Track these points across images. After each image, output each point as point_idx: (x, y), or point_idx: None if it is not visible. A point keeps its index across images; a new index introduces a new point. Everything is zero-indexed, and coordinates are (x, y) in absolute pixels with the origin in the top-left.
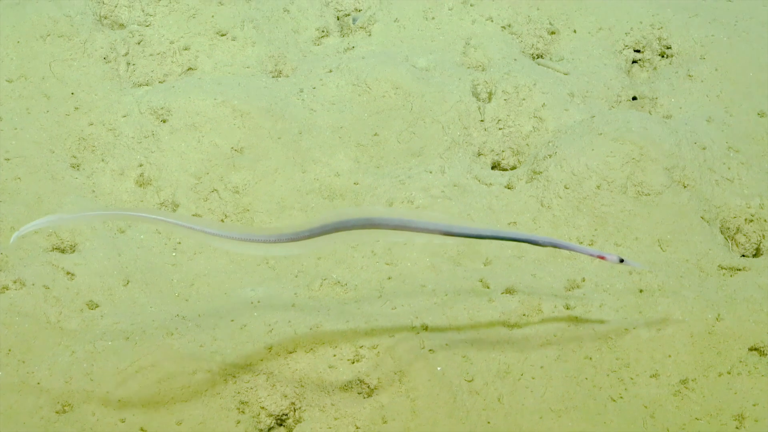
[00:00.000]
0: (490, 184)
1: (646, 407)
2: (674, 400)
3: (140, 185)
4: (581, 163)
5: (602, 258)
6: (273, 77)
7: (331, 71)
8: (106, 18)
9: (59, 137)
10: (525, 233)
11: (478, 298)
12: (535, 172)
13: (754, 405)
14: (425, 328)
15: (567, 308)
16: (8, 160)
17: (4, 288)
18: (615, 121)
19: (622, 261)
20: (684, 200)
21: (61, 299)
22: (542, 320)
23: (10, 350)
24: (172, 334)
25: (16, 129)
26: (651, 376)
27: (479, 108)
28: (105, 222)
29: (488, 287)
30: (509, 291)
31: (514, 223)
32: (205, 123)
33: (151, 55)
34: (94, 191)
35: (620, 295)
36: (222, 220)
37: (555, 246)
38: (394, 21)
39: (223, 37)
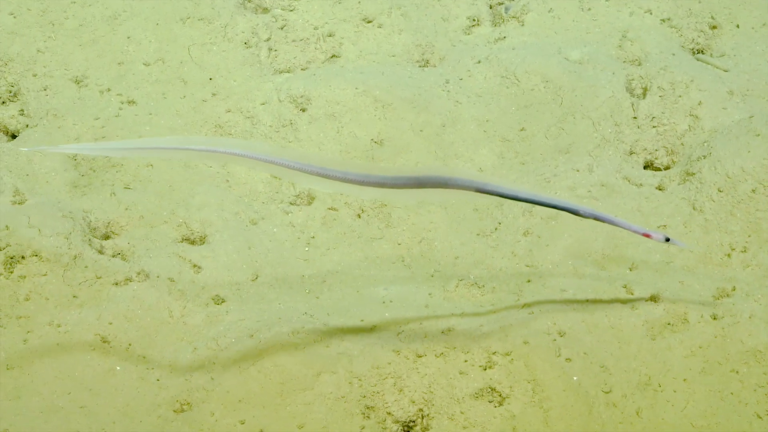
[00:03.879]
0: (641, 184)
1: None
2: None
3: (275, 176)
4: (736, 166)
5: (647, 236)
6: (419, 67)
7: (479, 62)
8: (250, 1)
9: (195, 123)
10: (565, 201)
11: (620, 305)
12: (688, 174)
13: None
14: (563, 334)
15: (714, 318)
16: None
17: (127, 280)
18: None
19: (668, 240)
20: None
21: (186, 293)
22: (687, 330)
23: (130, 345)
24: (298, 333)
25: (150, 114)
26: None
27: (633, 104)
28: (237, 214)
29: (632, 293)
30: (654, 298)
31: (664, 226)
32: (345, 113)
33: (293, 41)
34: (228, 180)
35: None
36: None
37: (596, 218)
38: (549, 11)
39: (369, 24)
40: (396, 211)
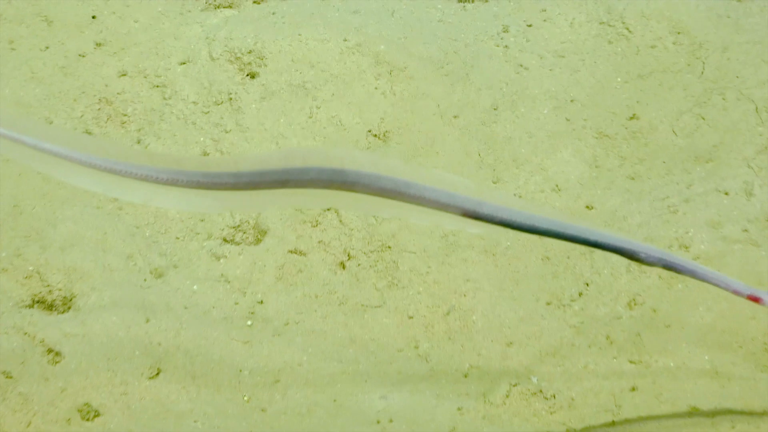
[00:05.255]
0: None
1: None
2: None
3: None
4: None
5: (755, 300)
6: (458, 2)
7: None
8: None
9: (65, 96)
10: (616, 236)
11: None
12: None
13: None
14: None
15: None
16: None
17: None
18: None
19: None
20: None
21: (33, 399)
22: None
23: None
24: None
25: None
26: None
27: None
28: (129, 258)
29: None
30: None
31: None
32: (324, 82)
33: None
34: (117, 199)
35: None
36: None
37: (668, 267)
38: None
39: None
40: (407, 259)
